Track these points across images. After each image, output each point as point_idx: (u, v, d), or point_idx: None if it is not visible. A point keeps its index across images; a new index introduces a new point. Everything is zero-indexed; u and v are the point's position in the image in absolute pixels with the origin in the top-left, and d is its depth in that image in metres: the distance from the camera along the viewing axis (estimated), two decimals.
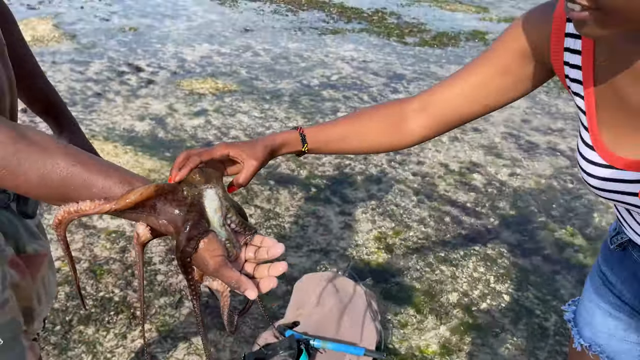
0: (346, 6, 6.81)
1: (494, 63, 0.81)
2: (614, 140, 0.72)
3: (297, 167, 2.96)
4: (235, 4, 6.72)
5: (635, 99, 0.68)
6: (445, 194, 2.77)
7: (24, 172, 0.57)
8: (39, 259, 0.89)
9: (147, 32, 5.38)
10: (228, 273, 0.63)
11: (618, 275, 0.89)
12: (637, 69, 0.66)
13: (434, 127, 0.88)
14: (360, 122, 0.90)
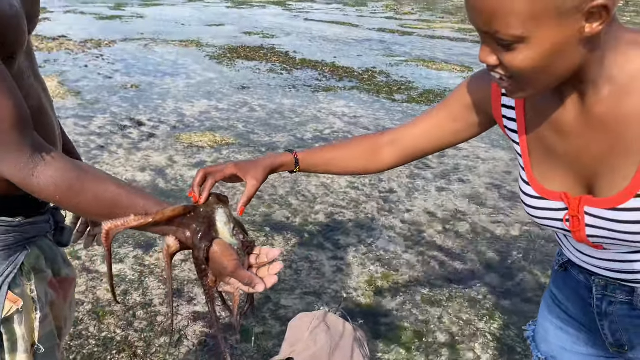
0: (338, 65, 7.19)
1: (449, 111, 1.00)
2: (543, 176, 0.88)
3: (291, 214, 3.11)
4: (232, 63, 7.07)
5: (554, 145, 0.85)
6: (432, 240, 2.92)
7: (84, 193, 0.75)
8: (69, 282, 1.04)
9: (148, 89, 5.65)
10: (242, 273, 0.81)
11: (564, 294, 1.03)
12: (554, 121, 0.84)
13: (400, 158, 1.07)
14: (342, 150, 1.09)
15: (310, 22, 11.68)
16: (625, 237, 0.80)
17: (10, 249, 0.86)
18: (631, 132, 0.75)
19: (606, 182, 0.80)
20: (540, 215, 0.89)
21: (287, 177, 3.60)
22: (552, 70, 0.72)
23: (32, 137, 0.76)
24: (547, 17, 0.66)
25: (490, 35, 0.71)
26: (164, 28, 9.82)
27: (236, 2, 15.36)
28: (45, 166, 0.75)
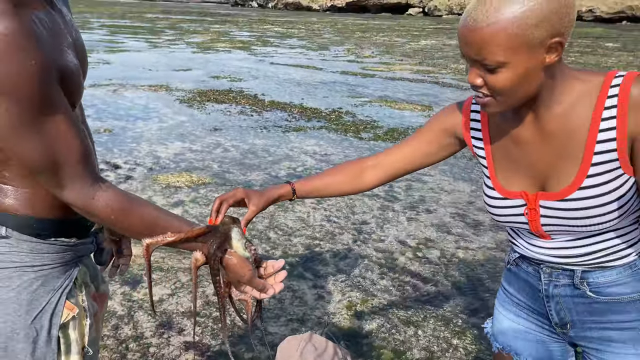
0: (306, 107, 7.49)
1: (424, 137, 1.23)
2: (505, 181, 1.11)
3: (270, 248, 3.26)
4: (202, 106, 7.27)
5: (514, 155, 1.09)
6: (405, 267, 3.12)
7: (132, 215, 0.93)
8: (105, 298, 1.19)
9: (121, 133, 5.77)
10: (256, 280, 1.00)
11: (515, 287, 1.25)
12: (514, 136, 1.08)
13: (382, 178, 1.28)
14: (331, 177, 1.29)
15: (275, 65, 12.07)
16: (570, 222, 1.03)
17: (67, 265, 1.02)
18: (574, 142, 1.00)
19: (556, 181, 1.03)
20: (504, 213, 1.11)
21: (264, 213, 3.76)
22: (523, 89, 0.96)
23: (93, 169, 0.93)
24: (521, 48, 0.91)
25: (478, 62, 0.95)
26: (131, 73, 9.99)
27: (201, 47, 15.71)
28: (102, 192, 0.92)
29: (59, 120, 0.87)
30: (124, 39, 17.60)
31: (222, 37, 19.85)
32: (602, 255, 1.08)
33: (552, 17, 0.89)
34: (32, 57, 0.80)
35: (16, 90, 0.80)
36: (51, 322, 0.98)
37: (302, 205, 3.97)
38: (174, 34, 20.83)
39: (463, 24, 0.94)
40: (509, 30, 0.89)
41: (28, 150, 0.86)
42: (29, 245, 0.97)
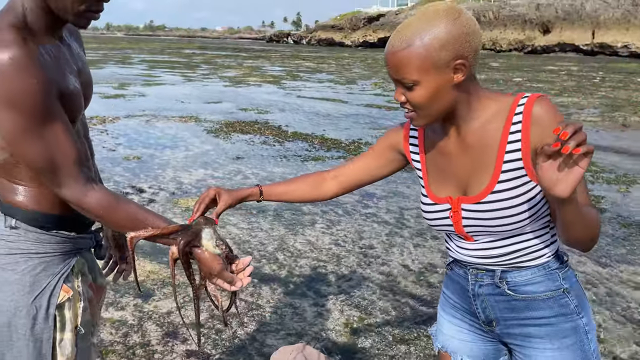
0: (327, 137, 7.71)
1: (375, 151, 1.39)
2: (436, 188, 1.26)
3: (277, 268, 3.41)
4: (228, 136, 7.59)
5: (442, 164, 1.24)
6: (405, 289, 3.21)
7: (119, 211, 1.12)
8: (102, 290, 1.37)
9: (149, 160, 6.09)
10: (226, 274, 1.16)
11: (450, 289, 1.37)
12: (441, 147, 1.23)
13: (341, 189, 1.43)
14: (295, 184, 1.45)
15: (302, 98, 12.44)
16: (486, 222, 1.17)
17: (65, 254, 1.20)
18: (488, 152, 1.16)
19: (474, 186, 1.18)
20: (434, 217, 1.26)
21: (275, 235, 3.93)
22: (437, 104, 1.12)
23: (86, 170, 1.12)
24: (430, 69, 1.07)
25: (399, 81, 1.12)
26: (164, 105, 10.49)
27: (233, 81, 16.31)
28: (94, 192, 1.11)
29: (57, 130, 1.06)
30: (160, 73, 18.45)
31: (254, 72, 20.54)
32: (518, 256, 1.21)
33: (454, 42, 1.06)
34: (35, 76, 1.00)
35: (21, 103, 1.00)
36: (49, 302, 1.16)
37: (311, 229, 4.12)
38: (208, 69, 21.68)
39: (386, 50, 1.12)
40: (419, 53, 1.06)
41: (31, 153, 1.06)
42: (34, 236, 1.15)
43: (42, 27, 1.10)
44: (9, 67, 0.97)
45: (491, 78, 20.61)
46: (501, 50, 55.77)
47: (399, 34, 1.09)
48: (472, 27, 1.08)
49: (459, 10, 1.09)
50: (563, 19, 53.25)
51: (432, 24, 1.06)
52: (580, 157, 0.91)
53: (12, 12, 1.07)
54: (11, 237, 1.14)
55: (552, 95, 14.59)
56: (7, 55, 0.97)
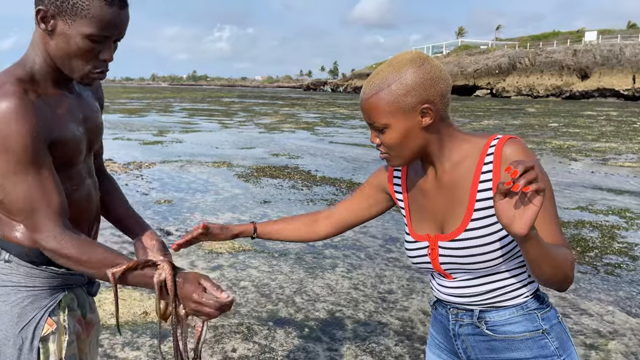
0: (355, 182, 7.75)
1: (364, 192, 1.42)
2: (416, 226, 1.28)
3: (294, 311, 3.40)
4: (258, 181, 7.74)
5: (421, 203, 1.26)
6: (423, 336, 3.13)
7: (85, 260, 1.14)
8: (92, 325, 1.41)
9: (179, 204, 6.26)
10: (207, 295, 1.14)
11: (435, 329, 1.36)
12: (420, 187, 1.26)
13: (333, 229, 1.45)
14: (288, 223, 1.48)
15: (334, 144, 12.61)
16: (461, 260, 1.18)
17: (53, 289, 1.26)
18: (461, 191, 1.18)
19: (449, 224, 1.20)
20: (415, 254, 1.27)
21: (294, 279, 3.94)
22: (408, 145, 1.16)
23: (64, 220, 1.15)
24: (398, 113, 1.13)
25: (372, 125, 1.18)
26: (199, 151, 10.83)
27: (268, 128, 16.73)
28: (69, 237, 1.14)
29: (42, 174, 1.13)
30: (199, 120, 19.13)
31: (289, 119, 21.03)
32: (495, 295, 1.20)
33: (418, 88, 1.11)
34: (28, 124, 1.10)
35: (11, 147, 1.08)
36: (34, 334, 1.21)
37: (332, 273, 4.11)
38: (245, 116, 22.34)
39: (360, 97, 1.18)
40: (386, 99, 1.12)
41: (13, 193, 1.12)
42: (25, 270, 1.22)
43: (49, 80, 1.21)
44: (5, 114, 1.08)
45: (527, 123, 20.41)
46: (538, 96, 55.31)
47: (370, 82, 1.16)
48: (437, 73, 1.13)
49: (424, 58, 1.14)
50: (602, 65, 52.58)
51: (399, 71, 1.12)
52: (533, 195, 0.93)
53: (22, 65, 1.19)
54: (4, 269, 1.22)
55: (589, 140, 14.28)
56: (5, 104, 1.09)
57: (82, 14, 1.12)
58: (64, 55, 1.16)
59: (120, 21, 1.17)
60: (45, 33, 1.16)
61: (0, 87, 1.11)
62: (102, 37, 1.15)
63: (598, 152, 11.87)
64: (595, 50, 54.35)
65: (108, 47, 1.18)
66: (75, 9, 1.11)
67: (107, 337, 2.98)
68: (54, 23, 1.14)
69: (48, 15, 1.13)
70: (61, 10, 1.12)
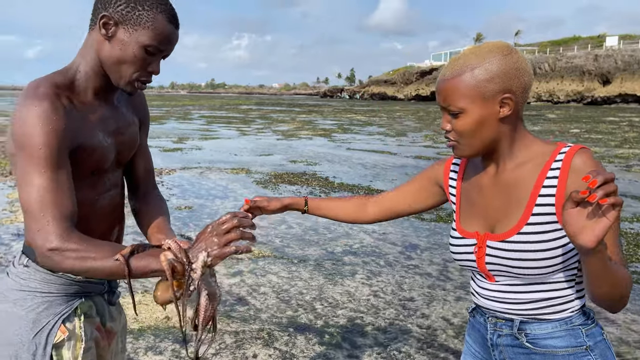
0: (373, 188, 7.74)
1: (417, 182, 1.41)
2: (465, 222, 1.26)
3: (314, 317, 3.39)
4: (276, 187, 7.77)
5: (474, 199, 1.24)
6: (444, 343, 3.10)
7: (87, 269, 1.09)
8: (113, 334, 1.42)
9: (199, 210, 6.31)
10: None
11: (472, 337, 1.33)
12: (476, 183, 1.23)
13: (381, 215, 1.46)
14: (339, 202, 1.49)
15: (351, 150, 12.61)
16: (509, 263, 1.14)
17: (69, 296, 1.27)
18: (521, 193, 1.15)
19: (502, 224, 1.17)
20: (459, 250, 1.24)
21: (314, 285, 3.94)
22: (480, 135, 1.13)
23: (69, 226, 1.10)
24: (478, 99, 1.10)
25: (446, 109, 1.14)
26: (219, 157, 10.92)
27: (286, 135, 16.80)
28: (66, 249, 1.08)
29: (58, 178, 1.11)
30: (217, 128, 19.30)
31: (306, 126, 21.10)
32: (541, 306, 1.16)
33: (502, 76, 1.08)
34: (52, 125, 1.11)
35: (32, 147, 1.09)
36: (47, 340, 1.22)
37: (351, 279, 4.10)
38: (263, 123, 22.48)
39: (438, 79, 1.16)
40: (467, 82, 1.10)
41: (26, 193, 1.10)
42: (41, 276, 1.24)
43: (89, 88, 1.24)
44: (33, 114, 1.10)
45: (547, 129, 20.17)
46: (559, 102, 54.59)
47: (451, 64, 1.14)
48: (523, 65, 1.10)
49: (512, 48, 1.11)
50: (623, 70, 51.74)
51: (484, 57, 1.10)
52: (608, 208, 0.88)
53: (63, 73, 1.22)
54: (24, 274, 1.24)
55: (612, 147, 14.05)
56: (35, 105, 1.11)
57: (145, 25, 1.18)
58: (115, 61, 1.20)
59: (174, 39, 1.24)
60: (102, 38, 1.20)
61: (35, 89, 1.14)
62: (157, 50, 1.21)
63: (621, 158, 11.66)
64: (617, 55, 53.53)
65: (158, 61, 1.24)
66: (140, 20, 1.18)
67: (130, 341, 3.01)
68: (115, 30, 1.19)
69: (111, 22, 1.18)
70: (126, 19, 1.18)
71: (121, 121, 1.34)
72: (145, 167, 1.49)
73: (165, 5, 1.21)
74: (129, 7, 1.17)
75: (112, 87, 1.27)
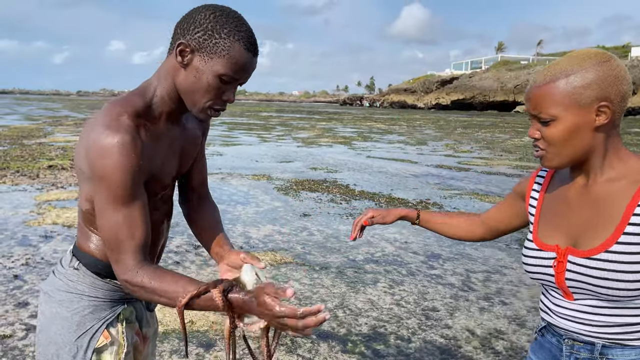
0: (394, 197, 7.71)
1: (508, 200, 1.40)
2: (543, 234, 1.20)
3: (337, 325, 3.39)
4: (297, 194, 7.79)
5: (558, 211, 1.18)
6: (468, 355, 3.07)
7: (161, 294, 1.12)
8: (147, 339, 1.45)
9: (222, 215, 6.36)
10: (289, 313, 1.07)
11: (539, 357, 1.26)
12: (563, 195, 1.18)
13: (487, 234, 1.47)
14: (451, 219, 1.51)
15: (372, 158, 12.59)
16: (592, 281, 1.09)
17: (114, 302, 1.30)
18: (613, 209, 1.09)
19: (587, 240, 1.11)
20: (535, 263, 1.19)
21: (336, 293, 3.93)
22: (572, 144, 1.08)
23: (145, 255, 1.15)
24: (572, 106, 1.06)
25: (536, 116, 1.10)
26: (240, 164, 11.00)
27: (306, 142, 16.85)
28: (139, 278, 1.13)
29: (133, 212, 1.14)
30: (238, 134, 19.46)
31: (326, 133, 21.14)
32: (624, 331, 1.11)
33: (600, 83, 1.04)
34: (131, 160, 1.11)
35: (112, 179, 1.11)
36: (89, 344, 1.25)
37: (373, 288, 4.09)
38: (283, 130, 22.60)
39: (528, 87, 1.13)
40: (562, 88, 1.05)
41: (104, 224, 1.15)
42: (90, 280, 1.27)
43: (163, 113, 1.24)
44: (113, 149, 1.10)
45: None
46: None
47: (545, 71, 1.10)
48: (622, 73, 1.06)
49: (610, 55, 1.07)
50: None
51: (581, 63, 1.06)
52: None
53: (141, 95, 1.21)
54: (72, 276, 1.28)
55: None
56: (117, 138, 1.11)
57: (221, 54, 1.15)
58: (189, 89, 1.19)
59: (251, 68, 1.20)
60: (177, 65, 1.18)
61: (117, 118, 1.13)
62: (232, 79, 1.18)
63: None
64: None
65: (233, 89, 1.21)
66: (216, 48, 1.14)
67: None
68: (191, 57, 1.16)
69: (187, 50, 1.16)
70: (202, 47, 1.15)
71: (187, 140, 1.35)
72: (201, 175, 1.50)
73: (244, 32, 1.17)
74: (206, 35, 1.14)
75: (184, 110, 1.27)
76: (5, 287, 3.86)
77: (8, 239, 5.12)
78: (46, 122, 23.62)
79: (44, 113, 33.41)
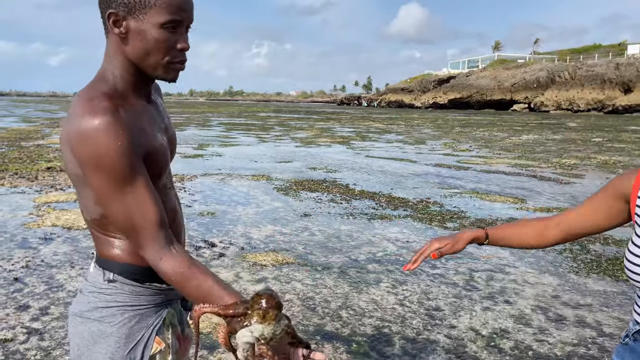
0: (394, 196, 7.70)
1: (596, 201, 1.30)
2: None
3: (340, 326, 3.37)
4: (297, 194, 7.77)
5: None
6: (473, 354, 3.06)
7: (190, 281, 1.10)
8: (188, 340, 1.39)
9: (222, 216, 6.34)
10: None
11: None
12: None
13: (562, 237, 1.38)
14: (521, 228, 1.43)
15: (371, 158, 12.57)
16: None
17: (158, 306, 1.25)
18: None
19: None
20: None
21: (339, 293, 3.91)
22: None
23: (166, 233, 1.13)
24: None
25: None
26: (239, 164, 10.97)
27: (304, 142, 16.83)
28: (170, 257, 1.11)
29: (139, 191, 1.09)
30: (236, 135, 19.42)
31: (325, 133, 21.12)
32: None
33: None
34: (120, 140, 1.06)
35: (106, 165, 1.06)
36: (143, 354, 1.19)
37: (376, 288, 4.07)
38: (281, 130, 22.57)
39: None
40: None
41: (114, 213, 1.10)
42: (129, 288, 1.20)
43: (131, 90, 1.19)
44: (97, 132, 1.05)
45: (568, 138, 19.89)
46: (578, 110, 53.85)
47: None
48: None
49: None
50: None
51: None
52: None
53: (103, 81, 1.16)
54: (109, 290, 1.20)
55: (635, 156, 13.81)
56: (97, 121, 1.06)
57: (151, 4, 1.11)
58: (142, 54, 1.15)
59: (186, 4, 1.16)
60: (119, 39, 1.15)
61: (89, 102, 1.08)
62: (176, 22, 1.14)
63: None
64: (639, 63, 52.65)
65: (181, 34, 1.17)
66: (143, 2, 1.11)
67: None
68: (127, 24, 1.13)
69: (120, 18, 1.13)
70: (130, 8, 1.12)
71: (165, 117, 1.32)
72: None
73: None
74: None
75: (147, 84, 1.23)
76: (6, 290, 3.84)
77: (7, 241, 5.09)
78: (44, 124, 23.56)
79: (41, 115, 33.33)
